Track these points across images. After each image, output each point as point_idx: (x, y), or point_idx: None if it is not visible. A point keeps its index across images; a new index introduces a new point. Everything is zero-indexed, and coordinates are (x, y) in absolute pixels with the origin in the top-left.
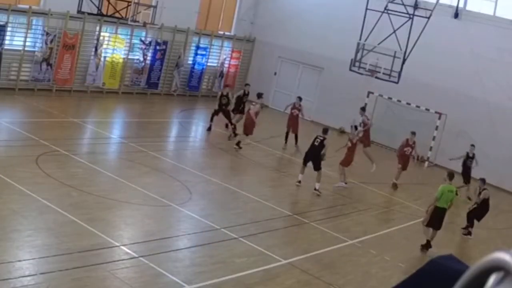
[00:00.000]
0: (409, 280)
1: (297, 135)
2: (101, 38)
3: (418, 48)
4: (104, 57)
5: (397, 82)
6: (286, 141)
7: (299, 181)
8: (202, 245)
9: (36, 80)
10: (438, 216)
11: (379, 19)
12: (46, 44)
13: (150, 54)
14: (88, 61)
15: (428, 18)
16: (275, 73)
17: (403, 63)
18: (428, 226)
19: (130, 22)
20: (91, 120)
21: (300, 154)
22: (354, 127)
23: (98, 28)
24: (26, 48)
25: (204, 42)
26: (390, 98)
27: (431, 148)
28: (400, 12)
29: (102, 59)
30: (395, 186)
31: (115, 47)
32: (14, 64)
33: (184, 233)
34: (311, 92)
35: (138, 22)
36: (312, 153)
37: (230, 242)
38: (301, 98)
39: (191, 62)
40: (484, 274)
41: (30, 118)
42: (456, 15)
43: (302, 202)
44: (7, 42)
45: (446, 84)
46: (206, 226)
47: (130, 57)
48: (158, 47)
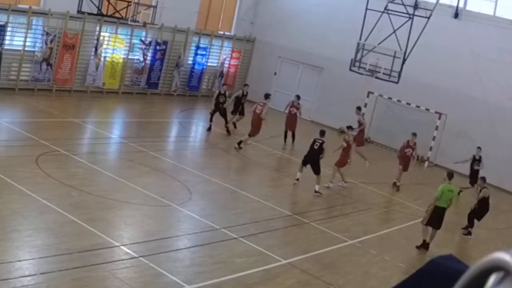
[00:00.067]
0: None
1: (294, 133)
2: (101, 38)
3: (418, 48)
4: (104, 57)
5: (397, 82)
6: (285, 140)
7: (297, 179)
8: (202, 245)
9: (36, 80)
10: (438, 216)
11: (379, 19)
12: (46, 44)
13: (150, 54)
14: (88, 61)
15: (428, 18)
16: (275, 73)
17: (403, 63)
18: (427, 225)
19: (130, 22)
20: (91, 120)
21: (296, 152)
22: (350, 127)
23: (98, 28)
24: (26, 48)
25: (204, 42)
26: (390, 98)
27: (431, 148)
28: (400, 12)
29: (102, 59)
30: (397, 188)
31: (115, 47)
32: (14, 64)
33: (184, 233)
34: (311, 92)
35: (138, 22)
36: (312, 156)
37: (230, 242)
38: (299, 96)
39: (191, 62)
40: (484, 274)
41: (30, 118)
42: (456, 15)
43: (302, 202)
44: (7, 42)
45: (446, 84)
46: (206, 226)
47: (130, 57)
48: (158, 47)
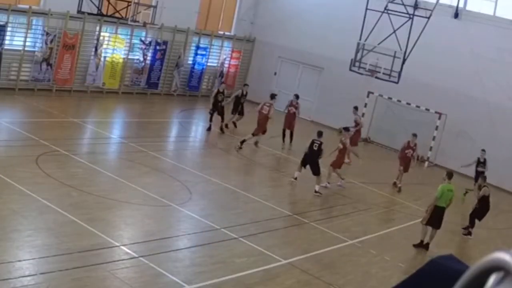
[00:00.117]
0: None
1: (292, 133)
2: (101, 38)
3: (418, 48)
4: (104, 57)
5: (397, 82)
6: (283, 139)
7: (295, 178)
8: (202, 245)
9: (36, 80)
10: (438, 215)
11: (379, 19)
12: (46, 44)
13: (150, 54)
14: (88, 61)
15: (428, 18)
16: (275, 73)
17: (403, 63)
18: (427, 224)
19: (130, 22)
20: (91, 120)
21: (294, 152)
22: (346, 129)
23: (98, 28)
24: (26, 48)
25: (204, 42)
26: (390, 98)
27: (431, 148)
28: (400, 12)
29: (102, 59)
30: (399, 189)
31: (115, 47)
32: (14, 64)
33: (184, 233)
34: (311, 92)
35: (138, 22)
36: (311, 157)
37: (230, 242)
38: (298, 96)
39: (191, 62)
40: (484, 274)
41: (30, 118)
42: (456, 15)
43: (302, 202)
44: (7, 42)
45: (446, 84)
46: (206, 226)
47: (130, 57)
48: (158, 47)
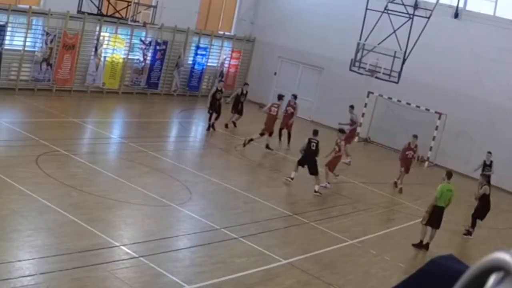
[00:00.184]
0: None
1: (290, 133)
2: (101, 38)
3: (418, 48)
4: (104, 57)
5: (397, 82)
6: (280, 139)
7: (292, 178)
8: (202, 245)
9: (36, 80)
10: (437, 215)
11: (379, 19)
12: (46, 44)
13: (150, 54)
14: (88, 61)
15: (428, 18)
16: (275, 73)
17: (403, 63)
18: (427, 224)
19: (130, 22)
20: (91, 120)
21: (292, 152)
22: (341, 130)
23: (98, 28)
24: (26, 48)
25: (204, 42)
26: (390, 98)
27: (431, 148)
28: (400, 12)
29: (102, 59)
30: (399, 189)
31: (115, 47)
32: (14, 64)
33: (184, 233)
34: (311, 92)
35: (138, 22)
36: (309, 157)
37: (230, 242)
38: (296, 96)
39: (191, 62)
40: (484, 274)
41: (30, 118)
42: (456, 15)
43: (302, 202)
44: (7, 42)
45: (446, 84)
46: (206, 226)
47: (130, 57)
48: (158, 47)
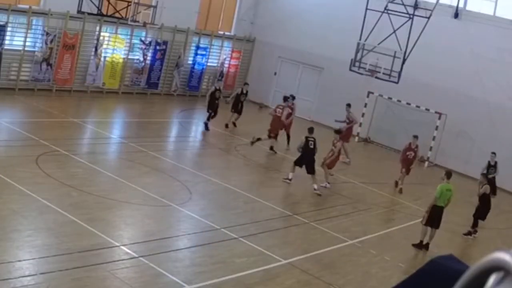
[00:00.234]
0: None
1: (289, 134)
2: (101, 38)
3: (418, 48)
4: (104, 57)
5: (397, 82)
6: (275, 138)
7: (290, 179)
8: (202, 245)
9: (36, 80)
10: (437, 215)
11: (379, 19)
12: (46, 44)
13: (150, 54)
14: (88, 61)
15: (428, 18)
16: (275, 73)
17: (403, 63)
18: (426, 225)
19: (130, 22)
20: (91, 120)
21: (292, 152)
22: (338, 131)
23: (98, 28)
24: (26, 48)
25: (204, 42)
26: (390, 98)
27: (431, 148)
28: (400, 12)
29: (102, 59)
30: (400, 190)
31: (115, 47)
32: (14, 64)
33: (184, 233)
34: (311, 92)
35: (138, 22)
36: (309, 156)
37: (230, 242)
38: (294, 96)
39: (191, 62)
40: (484, 274)
41: (30, 118)
42: (456, 15)
43: (302, 202)
44: (7, 42)
45: (446, 84)
46: (206, 226)
47: (130, 57)
48: (158, 47)
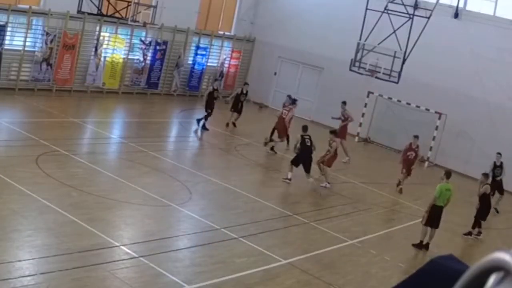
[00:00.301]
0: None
1: (288, 135)
2: (101, 38)
3: (418, 48)
4: (104, 57)
5: (397, 82)
6: (270, 137)
7: (290, 179)
8: (202, 245)
9: (36, 80)
10: (436, 215)
11: (379, 19)
12: (46, 44)
13: (150, 54)
14: (88, 61)
15: (428, 18)
16: (275, 73)
17: (403, 63)
18: (426, 225)
19: (130, 22)
20: (91, 120)
21: (291, 152)
22: (333, 131)
23: (98, 28)
24: (26, 48)
25: (204, 42)
26: (390, 98)
27: (431, 148)
28: (400, 12)
29: (102, 59)
30: (400, 190)
31: (115, 47)
32: (14, 64)
33: (184, 233)
34: (311, 92)
35: (138, 22)
36: (306, 155)
37: (230, 242)
38: (291, 96)
39: (191, 62)
40: (484, 274)
41: (30, 118)
42: (456, 15)
43: (302, 202)
44: (7, 42)
45: (446, 84)
46: (206, 226)
47: (130, 57)
48: (158, 47)
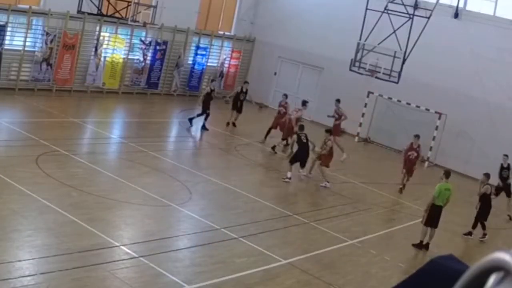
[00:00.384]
0: (409, 280)
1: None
2: (101, 38)
3: (418, 48)
4: (104, 57)
5: (397, 82)
6: (266, 137)
7: (290, 177)
8: (202, 245)
9: (36, 80)
10: (435, 214)
11: (379, 19)
12: (46, 44)
13: (150, 54)
14: (88, 61)
15: (428, 18)
16: (275, 73)
17: (403, 63)
18: (426, 225)
19: (130, 22)
20: (91, 120)
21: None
22: (329, 130)
23: (98, 28)
24: (26, 48)
25: (204, 42)
26: (390, 98)
27: (431, 148)
28: (400, 12)
29: (102, 59)
30: (400, 190)
31: (115, 47)
32: (14, 64)
33: (184, 233)
34: (311, 92)
35: (138, 22)
36: (303, 152)
37: (230, 242)
38: (287, 95)
39: (191, 62)
40: (484, 274)
41: (30, 118)
42: (456, 15)
43: (302, 202)
44: (7, 42)
45: (446, 84)
46: (206, 226)
47: (130, 57)
48: (158, 47)
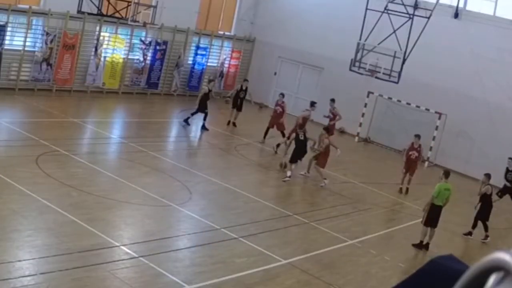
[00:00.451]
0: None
1: (283, 133)
2: (101, 38)
3: (418, 48)
4: (104, 57)
5: (397, 82)
6: (264, 136)
7: (289, 176)
8: (202, 245)
9: (36, 80)
10: (435, 214)
11: (379, 19)
12: (46, 44)
13: (150, 54)
14: (88, 61)
15: (428, 18)
16: (275, 73)
17: (403, 63)
18: (426, 225)
19: (130, 22)
20: (91, 120)
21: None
22: (326, 129)
23: (98, 28)
24: (26, 48)
25: (204, 42)
26: (390, 98)
27: (431, 148)
28: (400, 12)
29: (102, 59)
30: (400, 190)
31: (115, 47)
32: (14, 64)
33: (184, 233)
34: (311, 92)
35: (138, 22)
36: (301, 150)
37: (230, 242)
38: (283, 94)
39: (191, 62)
40: (484, 274)
41: (30, 118)
42: (456, 15)
43: (302, 202)
44: (7, 42)
45: (446, 84)
46: (206, 226)
47: (130, 57)
48: (158, 47)
